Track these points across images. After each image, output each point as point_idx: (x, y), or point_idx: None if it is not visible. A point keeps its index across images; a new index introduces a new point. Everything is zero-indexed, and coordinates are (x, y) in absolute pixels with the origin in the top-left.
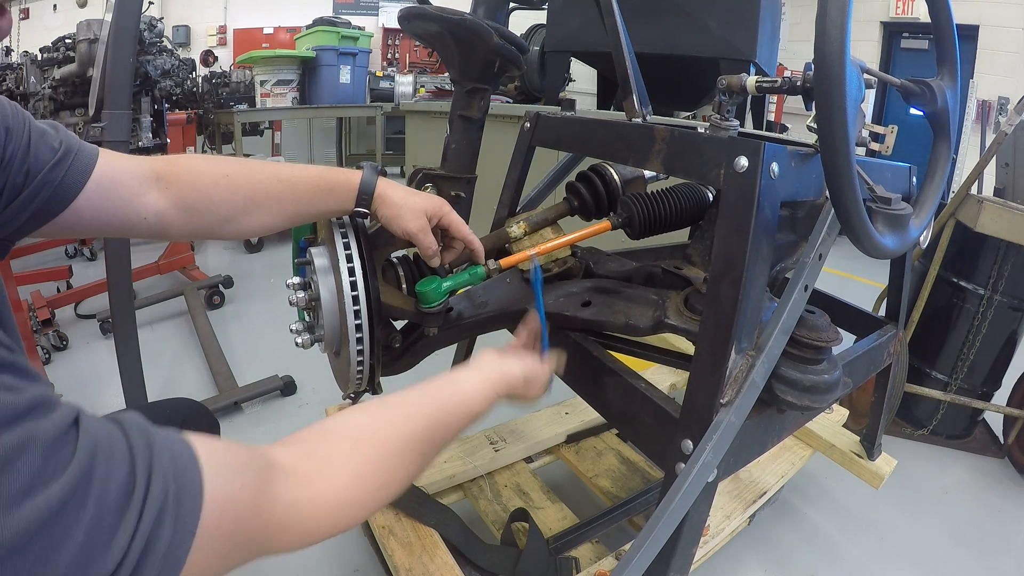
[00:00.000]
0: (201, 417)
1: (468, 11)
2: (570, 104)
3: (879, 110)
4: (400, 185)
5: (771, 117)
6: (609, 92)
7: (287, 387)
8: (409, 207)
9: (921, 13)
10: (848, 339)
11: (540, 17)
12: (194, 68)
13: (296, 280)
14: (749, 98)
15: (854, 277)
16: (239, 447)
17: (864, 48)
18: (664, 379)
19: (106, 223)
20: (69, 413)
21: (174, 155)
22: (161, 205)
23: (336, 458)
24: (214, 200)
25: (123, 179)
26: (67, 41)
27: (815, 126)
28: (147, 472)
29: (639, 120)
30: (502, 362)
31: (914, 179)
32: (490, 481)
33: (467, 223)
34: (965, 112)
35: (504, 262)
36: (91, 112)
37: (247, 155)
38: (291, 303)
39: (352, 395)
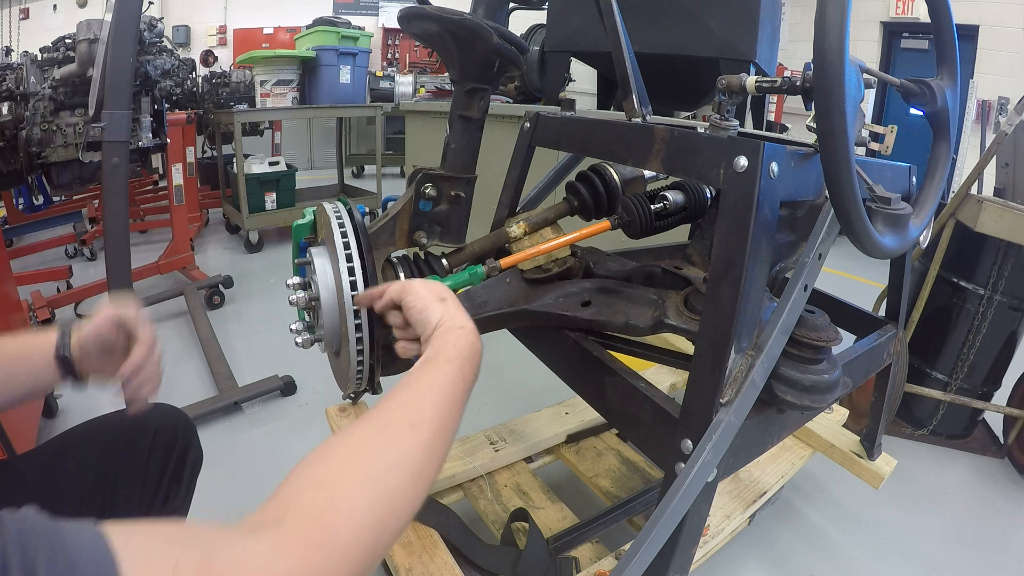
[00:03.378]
0: (175, 420)
1: (468, 11)
2: (570, 104)
3: (879, 110)
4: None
5: (771, 117)
6: (609, 92)
7: (287, 387)
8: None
9: (921, 13)
10: (848, 339)
11: (540, 17)
12: (194, 68)
13: (296, 280)
14: (749, 98)
15: (854, 277)
16: (169, 526)
17: (864, 48)
18: (664, 379)
19: None
20: None
21: None
22: None
23: (295, 500)
24: None
25: None
26: (67, 41)
27: (815, 126)
28: None
29: (639, 120)
30: (430, 348)
31: (914, 179)
32: (490, 481)
33: (467, 223)
34: (965, 112)
35: (504, 262)
36: (91, 112)
37: (247, 155)
38: (291, 303)
39: (352, 395)
